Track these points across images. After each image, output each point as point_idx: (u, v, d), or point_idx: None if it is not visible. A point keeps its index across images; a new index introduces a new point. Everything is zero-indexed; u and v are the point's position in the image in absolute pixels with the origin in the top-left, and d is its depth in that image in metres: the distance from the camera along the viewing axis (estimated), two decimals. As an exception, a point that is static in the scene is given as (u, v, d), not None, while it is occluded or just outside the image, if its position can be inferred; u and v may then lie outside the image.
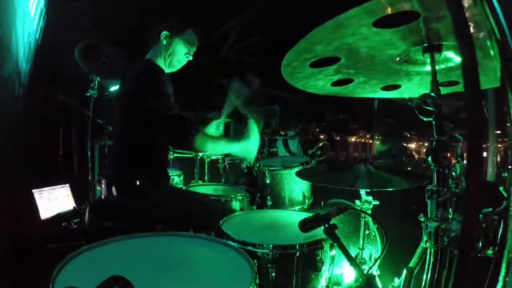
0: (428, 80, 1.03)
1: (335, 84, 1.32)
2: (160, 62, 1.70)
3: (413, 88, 1.35)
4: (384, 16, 0.84)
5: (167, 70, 1.72)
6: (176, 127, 1.51)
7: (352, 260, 0.92)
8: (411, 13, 0.83)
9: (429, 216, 0.98)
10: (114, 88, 3.08)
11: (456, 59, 1.08)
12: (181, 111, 1.58)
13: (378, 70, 1.20)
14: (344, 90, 1.39)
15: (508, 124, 0.64)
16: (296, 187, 2.25)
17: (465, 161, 0.94)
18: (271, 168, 2.26)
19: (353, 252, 1.58)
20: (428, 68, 1.09)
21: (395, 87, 1.36)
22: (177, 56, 1.71)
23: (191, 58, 1.76)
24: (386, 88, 1.38)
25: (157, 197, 1.58)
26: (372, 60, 1.11)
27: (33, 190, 2.55)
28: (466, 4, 0.67)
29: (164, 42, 1.68)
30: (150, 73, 1.59)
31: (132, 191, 1.55)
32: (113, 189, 1.58)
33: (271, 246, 1.14)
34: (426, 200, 0.98)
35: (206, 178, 3.07)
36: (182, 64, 1.76)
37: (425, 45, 1.01)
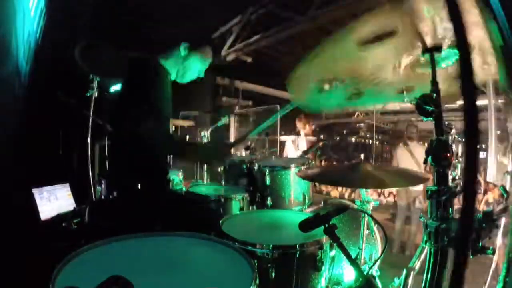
0: (441, 77, 1.02)
1: (349, 98, 1.32)
2: (172, 70, 1.70)
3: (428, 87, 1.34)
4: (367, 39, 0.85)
5: (178, 80, 1.74)
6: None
7: (352, 260, 0.92)
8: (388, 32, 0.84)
9: (429, 216, 0.98)
10: (115, 88, 3.08)
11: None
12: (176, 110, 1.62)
13: (388, 79, 1.20)
14: (361, 101, 1.39)
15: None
16: (296, 187, 2.25)
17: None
18: (271, 168, 2.26)
19: (353, 252, 1.58)
20: (444, 65, 1.08)
21: (411, 88, 1.36)
22: (191, 71, 1.73)
23: (203, 75, 1.77)
24: (402, 92, 1.38)
25: (156, 198, 1.58)
26: (377, 73, 1.11)
27: (33, 190, 2.55)
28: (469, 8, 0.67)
29: (183, 53, 1.68)
30: (155, 72, 1.59)
31: (132, 193, 1.55)
32: (113, 190, 1.57)
33: (271, 246, 1.14)
34: (427, 199, 0.98)
35: (206, 178, 3.07)
36: (192, 79, 1.77)
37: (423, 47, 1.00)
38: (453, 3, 0.55)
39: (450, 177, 0.98)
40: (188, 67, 1.71)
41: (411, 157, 3.89)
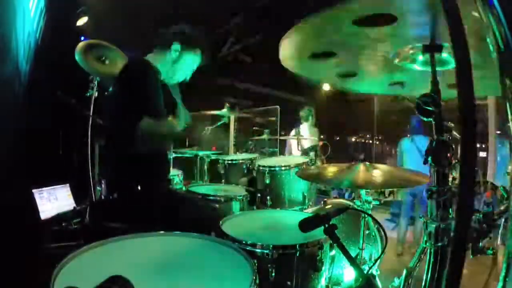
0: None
1: (340, 76, 1.31)
2: (161, 70, 1.67)
3: (419, 83, 1.33)
4: (361, 18, 0.84)
5: (165, 81, 1.71)
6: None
7: (352, 260, 0.92)
8: (387, 16, 0.84)
9: (429, 216, 0.98)
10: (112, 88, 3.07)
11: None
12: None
13: (379, 66, 1.20)
14: (351, 85, 1.38)
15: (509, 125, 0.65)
16: (296, 187, 2.25)
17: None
18: (271, 168, 2.26)
19: (353, 252, 1.58)
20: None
21: (402, 83, 1.35)
22: (182, 72, 1.71)
23: (189, 78, 1.76)
24: (393, 84, 1.37)
25: (157, 198, 1.58)
26: (369, 55, 1.11)
27: (33, 190, 2.55)
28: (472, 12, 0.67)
29: (174, 55, 1.65)
30: (142, 72, 1.57)
31: (131, 192, 1.55)
32: (113, 190, 1.57)
33: (271, 246, 1.14)
34: (427, 200, 0.98)
35: (206, 178, 3.07)
36: (179, 81, 1.75)
37: (424, 44, 1.00)
38: (452, 5, 0.55)
39: (450, 177, 0.98)
40: (178, 69, 1.69)
41: (417, 150, 3.82)
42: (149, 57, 1.68)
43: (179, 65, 1.68)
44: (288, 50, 1.13)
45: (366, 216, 1.55)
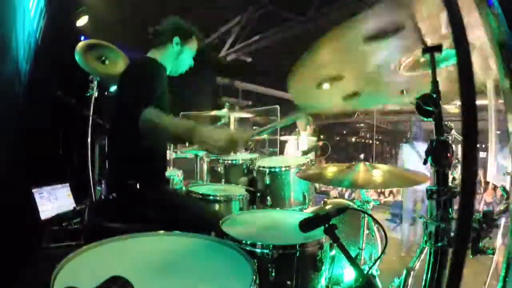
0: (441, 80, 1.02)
1: (346, 97, 1.30)
2: (167, 65, 1.71)
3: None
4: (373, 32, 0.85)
5: (172, 74, 1.77)
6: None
7: (352, 260, 0.92)
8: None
9: (429, 216, 0.98)
10: (115, 87, 3.07)
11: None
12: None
13: (387, 80, 1.19)
14: (357, 102, 1.37)
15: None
16: (296, 187, 2.25)
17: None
18: (271, 168, 2.26)
19: (353, 252, 1.58)
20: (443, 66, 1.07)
21: (409, 91, 1.35)
22: (185, 62, 1.79)
23: (192, 64, 1.85)
24: (399, 93, 1.37)
25: (156, 198, 1.58)
26: (378, 72, 1.11)
27: (33, 190, 2.55)
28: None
29: (176, 48, 1.72)
30: (146, 67, 1.60)
31: (131, 192, 1.55)
32: (113, 190, 1.57)
33: (271, 246, 1.13)
34: (427, 200, 0.98)
35: (206, 178, 3.07)
36: (186, 69, 1.83)
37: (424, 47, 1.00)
38: (452, 2, 0.54)
39: (450, 177, 0.98)
40: (182, 60, 1.77)
41: (418, 155, 3.81)
42: (152, 53, 1.71)
43: (182, 57, 1.76)
44: (297, 81, 1.13)
45: (366, 216, 1.55)
